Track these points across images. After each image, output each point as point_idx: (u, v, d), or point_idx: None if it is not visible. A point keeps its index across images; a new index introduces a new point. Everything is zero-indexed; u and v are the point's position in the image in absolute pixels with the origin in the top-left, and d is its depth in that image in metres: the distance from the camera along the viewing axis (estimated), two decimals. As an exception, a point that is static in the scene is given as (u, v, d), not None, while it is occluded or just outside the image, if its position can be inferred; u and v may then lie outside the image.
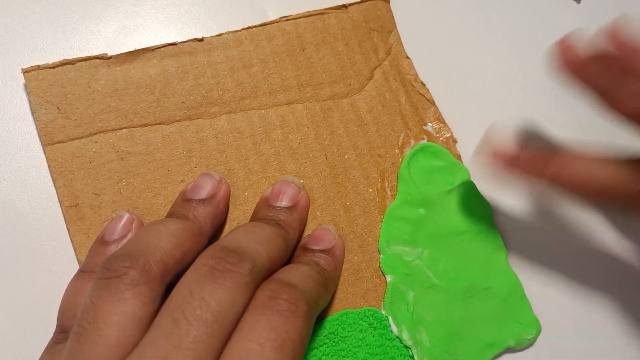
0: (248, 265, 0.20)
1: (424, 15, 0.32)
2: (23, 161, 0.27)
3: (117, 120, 0.27)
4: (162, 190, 0.27)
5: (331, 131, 0.29)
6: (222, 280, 0.19)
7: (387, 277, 0.28)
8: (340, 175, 0.29)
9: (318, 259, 0.25)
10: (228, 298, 0.19)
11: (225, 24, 0.30)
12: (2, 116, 0.27)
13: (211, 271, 0.20)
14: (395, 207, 0.29)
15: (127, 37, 0.29)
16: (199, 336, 0.18)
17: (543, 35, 0.33)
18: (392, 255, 0.28)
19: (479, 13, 0.33)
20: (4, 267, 0.26)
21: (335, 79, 0.30)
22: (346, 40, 0.30)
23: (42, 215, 0.26)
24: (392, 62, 0.31)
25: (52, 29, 0.28)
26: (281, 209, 0.26)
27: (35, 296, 0.25)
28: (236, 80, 0.28)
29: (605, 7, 0.35)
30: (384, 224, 0.28)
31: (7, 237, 0.26)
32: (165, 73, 0.27)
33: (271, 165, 0.28)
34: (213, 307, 0.19)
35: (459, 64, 0.32)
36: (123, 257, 0.20)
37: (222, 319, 0.19)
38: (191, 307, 0.19)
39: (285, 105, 0.29)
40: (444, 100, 0.31)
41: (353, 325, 0.27)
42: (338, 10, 0.30)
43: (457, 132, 0.31)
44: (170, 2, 0.30)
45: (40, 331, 0.25)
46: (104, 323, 0.18)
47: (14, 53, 0.28)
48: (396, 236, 0.28)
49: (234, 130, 0.28)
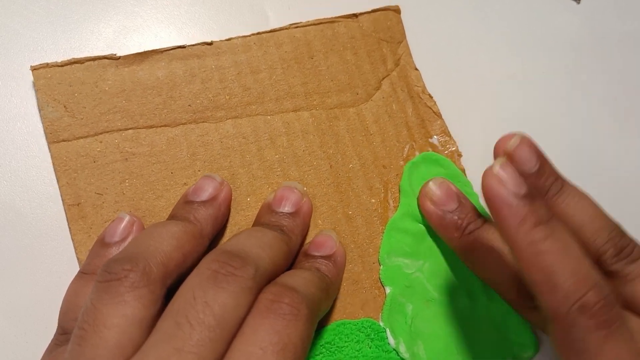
0: (251, 270, 0.20)
1: (434, 27, 0.32)
2: (23, 161, 0.27)
3: (123, 121, 0.27)
4: (165, 193, 0.27)
5: (336, 140, 0.29)
6: (225, 284, 0.19)
7: (387, 288, 0.28)
8: (344, 184, 0.29)
9: (319, 265, 0.25)
10: (231, 302, 0.19)
11: (225, 24, 0.30)
12: (3, 116, 0.27)
13: (214, 275, 0.20)
14: (397, 219, 0.29)
15: (127, 37, 0.29)
16: (201, 340, 0.18)
17: (544, 37, 0.33)
18: (393, 267, 0.28)
19: (488, 25, 0.33)
20: (4, 267, 0.26)
21: (342, 88, 0.30)
22: (355, 49, 0.30)
23: (42, 215, 0.26)
24: (400, 73, 0.31)
25: (52, 29, 0.28)
26: (284, 214, 0.26)
27: (35, 296, 0.25)
28: (243, 86, 0.28)
29: (604, 7, 0.35)
30: (385, 235, 0.28)
31: (7, 237, 0.26)
32: (172, 75, 0.27)
33: (275, 172, 0.28)
34: (216, 311, 0.19)
35: (467, 77, 0.32)
36: (123, 260, 0.20)
37: (225, 323, 0.19)
38: (194, 311, 0.19)
39: (291, 112, 0.29)
40: (450, 113, 0.31)
41: (350, 336, 0.27)
42: (348, 19, 0.30)
43: (463, 146, 0.30)
44: (170, 2, 0.30)
45: (41, 331, 0.25)
46: (105, 326, 0.19)
47: (14, 53, 0.28)
48: (397, 248, 0.28)
49: (239, 135, 0.28)
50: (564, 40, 0.34)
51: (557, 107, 0.33)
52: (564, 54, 0.34)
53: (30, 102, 0.27)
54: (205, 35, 0.29)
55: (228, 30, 0.29)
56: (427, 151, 0.30)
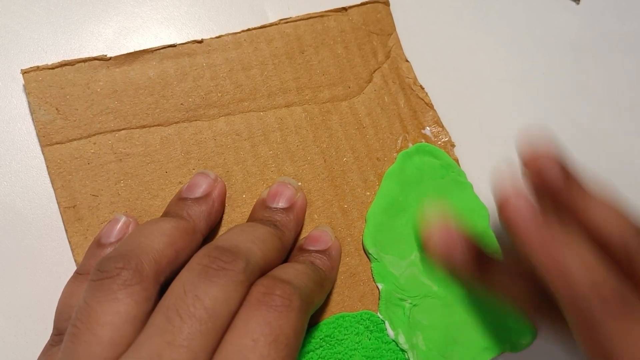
0: (242, 263, 0.20)
1: (424, 18, 0.32)
2: (23, 162, 0.27)
3: (116, 122, 0.27)
4: (160, 192, 0.27)
5: (330, 134, 0.29)
6: (216, 278, 0.19)
7: (379, 285, 0.28)
8: (338, 178, 0.29)
9: (314, 259, 0.25)
10: (222, 295, 0.19)
11: (225, 25, 0.30)
12: (2, 117, 0.27)
13: (205, 270, 0.20)
14: (378, 212, 0.28)
15: (127, 38, 0.29)
16: (192, 333, 0.18)
17: (543, 37, 0.33)
18: (382, 265, 0.28)
19: (478, 15, 0.33)
20: (4, 267, 0.26)
21: (334, 82, 0.30)
22: (345, 43, 0.30)
23: (42, 215, 0.26)
24: (391, 65, 0.31)
25: (52, 29, 0.28)
26: (277, 209, 0.26)
27: (35, 296, 0.25)
28: (235, 83, 0.28)
29: (604, 8, 0.35)
30: (367, 229, 0.28)
31: (7, 238, 0.26)
32: (164, 75, 0.27)
33: (269, 168, 0.28)
34: (207, 304, 0.19)
35: (458, 68, 0.32)
36: (115, 258, 0.20)
37: (216, 317, 0.19)
38: (185, 305, 0.19)
39: (284, 107, 0.29)
40: (442, 104, 0.31)
41: (349, 329, 0.27)
42: (338, 13, 0.30)
43: (455, 136, 0.31)
44: (170, 3, 0.30)
45: (40, 331, 0.25)
46: (97, 323, 0.19)
47: (14, 54, 0.28)
48: (384, 244, 0.28)
49: (232, 133, 0.28)
50: (562, 40, 0.34)
51: (555, 107, 0.33)
52: (563, 53, 0.34)
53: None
54: (205, 36, 0.29)
55: (228, 30, 0.29)
56: (421, 142, 0.30)
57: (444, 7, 0.33)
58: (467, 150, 0.30)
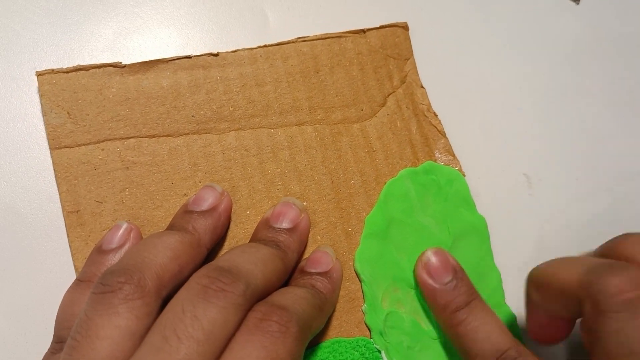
0: (242, 286, 0.20)
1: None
2: (23, 162, 0.27)
3: (126, 129, 0.27)
4: (165, 203, 0.26)
5: (339, 155, 0.29)
6: (215, 299, 0.19)
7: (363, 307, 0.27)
8: (345, 201, 0.28)
9: (315, 282, 0.25)
10: (220, 318, 0.19)
11: (225, 25, 0.30)
12: (3, 117, 0.27)
13: (204, 290, 0.20)
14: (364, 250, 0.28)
15: (127, 38, 0.29)
16: (189, 354, 0.18)
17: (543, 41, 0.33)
18: (374, 317, 0.27)
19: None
20: (4, 268, 0.26)
21: (347, 103, 0.29)
22: (361, 65, 0.30)
23: (42, 216, 0.26)
24: (406, 90, 0.30)
25: (52, 30, 0.28)
26: (281, 230, 0.25)
27: (35, 297, 0.25)
28: (248, 98, 0.28)
29: (604, 8, 0.35)
30: (366, 289, 0.27)
31: (8, 238, 0.26)
32: (177, 85, 0.27)
33: (275, 186, 0.28)
34: (205, 325, 0.18)
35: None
36: (118, 272, 0.20)
37: (214, 338, 0.18)
38: (183, 325, 0.18)
39: (295, 126, 0.29)
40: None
41: (345, 354, 0.26)
42: (356, 35, 0.30)
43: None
44: (170, 3, 0.30)
45: (40, 331, 0.25)
46: (97, 336, 0.19)
47: (14, 54, 0.28)
48: (373, 298, 0.28)
49: (241, 148, 0.28)
50: (564, 41, 0.34)
51: (556, 108, 0.33)
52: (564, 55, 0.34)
53: (30, 103, 0.27)
54: (205, 36, 0.29)
55: (228, 31, 0.29)
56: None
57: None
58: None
